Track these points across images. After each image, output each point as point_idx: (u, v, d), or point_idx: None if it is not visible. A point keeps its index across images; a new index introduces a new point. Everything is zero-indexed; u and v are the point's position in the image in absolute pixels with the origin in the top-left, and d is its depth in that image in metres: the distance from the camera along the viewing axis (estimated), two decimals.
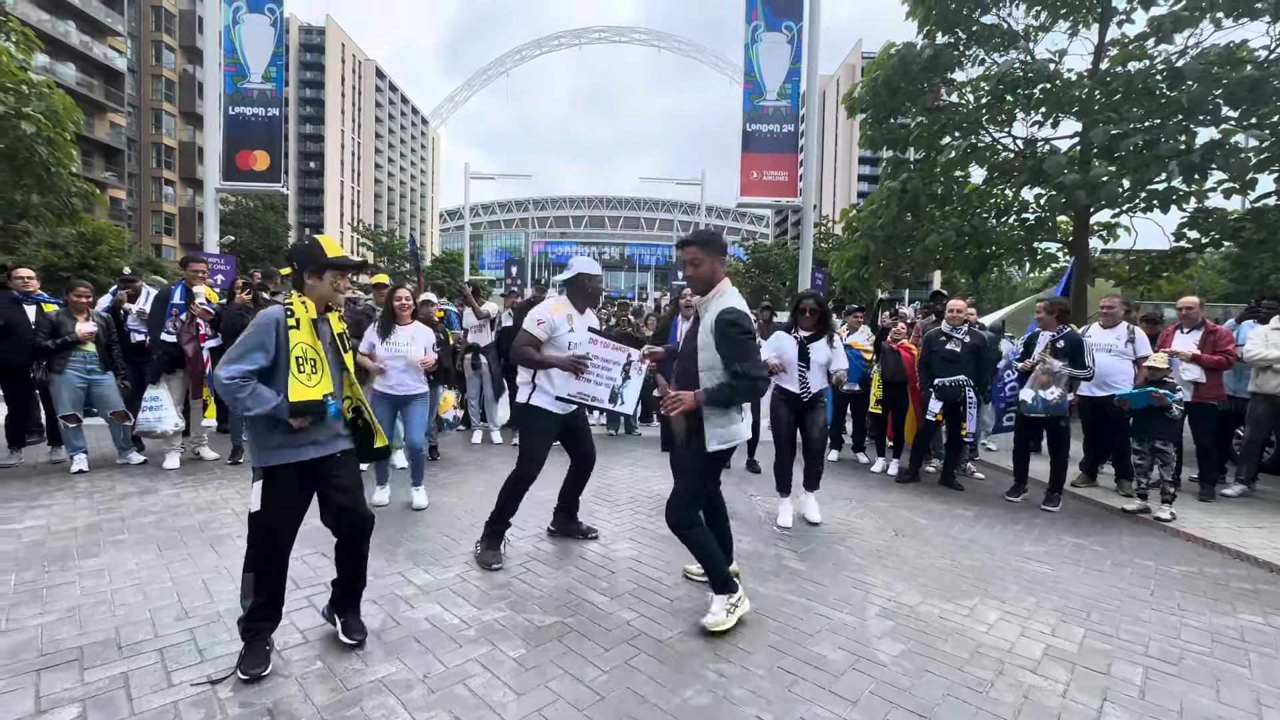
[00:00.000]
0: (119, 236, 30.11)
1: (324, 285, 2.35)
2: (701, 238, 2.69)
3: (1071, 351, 4.75)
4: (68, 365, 4.82)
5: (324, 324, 2.38)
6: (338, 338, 2.41)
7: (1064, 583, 3.40)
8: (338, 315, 2.47)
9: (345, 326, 2.50)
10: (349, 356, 2.44)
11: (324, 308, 2.40)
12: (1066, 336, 4.82)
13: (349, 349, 2.46)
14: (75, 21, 36.22)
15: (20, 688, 2.10)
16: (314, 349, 2.29)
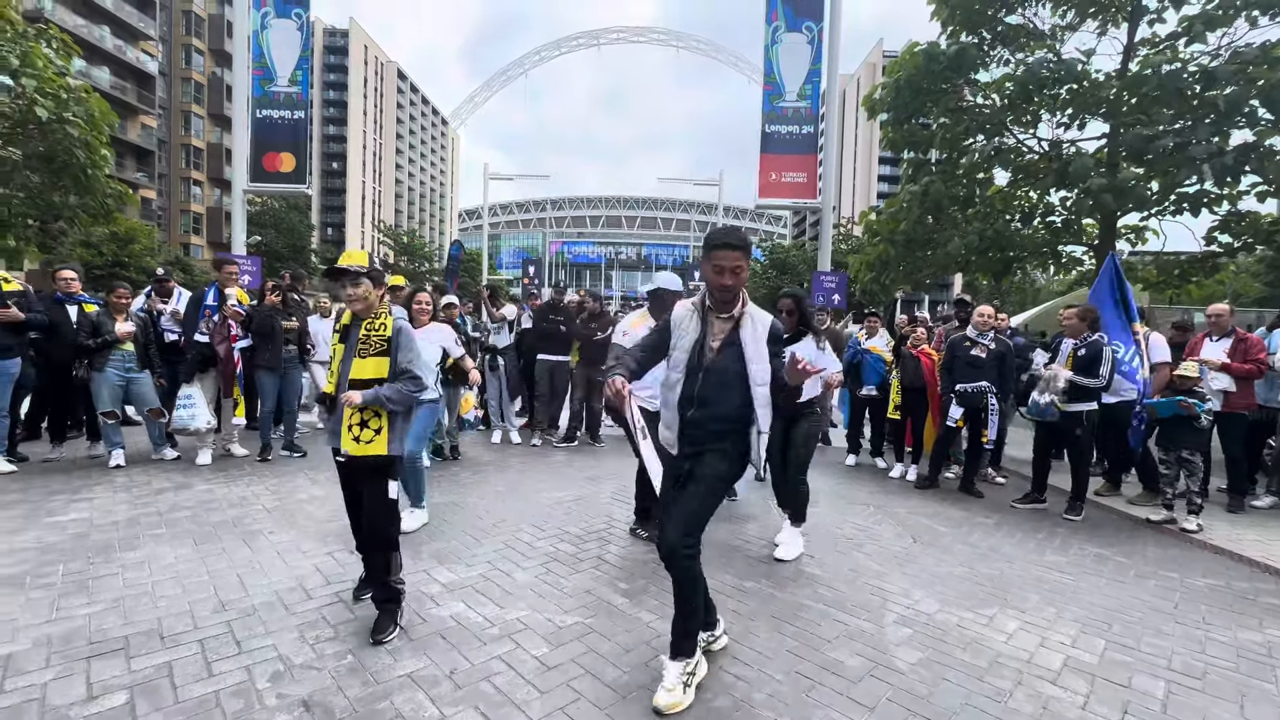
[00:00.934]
0: (149, 236, 30.98)
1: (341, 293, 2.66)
2: (746, 242, 2.34)
3: (1089, 360, 4.71)
4: (108, 364, 5.01)
5: (355, 329, 2.64)
6: (358, 343, 2.60)
7: (1085, 593, 3.37)
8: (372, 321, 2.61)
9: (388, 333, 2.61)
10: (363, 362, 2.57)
11: (360, 315, 2.64)
12: (1089, 345, 4.77)
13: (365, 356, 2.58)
14: (110, 26, 37.28)
15: (73, 674, 2.22)
16: (336, 351, 2.68)
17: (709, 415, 2.34)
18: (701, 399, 2.33)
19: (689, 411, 2.35)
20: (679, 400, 2.37)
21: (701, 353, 2.36)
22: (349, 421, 2.53)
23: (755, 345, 2.35)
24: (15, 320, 4.72)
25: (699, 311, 2.42)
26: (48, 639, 2.44)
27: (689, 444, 2.38)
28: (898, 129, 10.50)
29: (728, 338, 2.37)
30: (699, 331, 2.39)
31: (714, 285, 2.34)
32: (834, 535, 4.18)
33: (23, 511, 3.92)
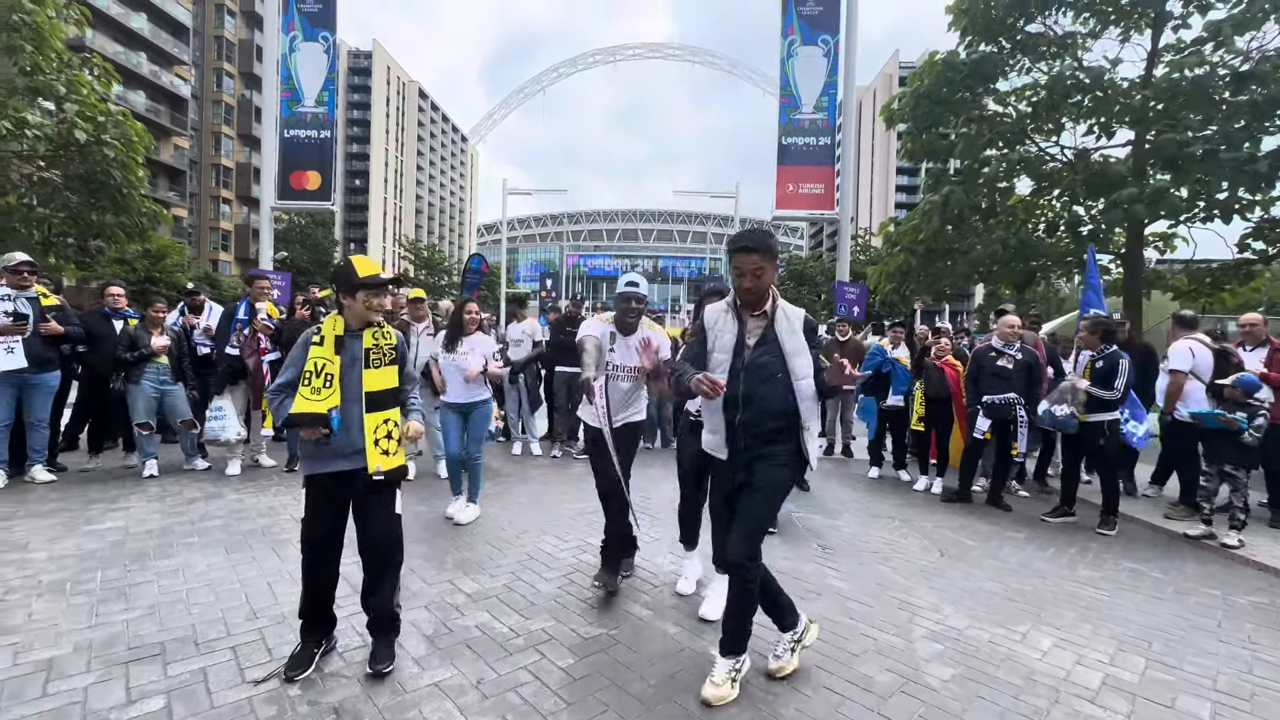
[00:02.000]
0: (180, 253, 31.94)
1: (357, 304, 2.42)
2: (764, 244, 2.32)
3: (1107, 372, 4.68)
4: (143, 376, 5.16)
5: (354, 340, 2.42)
6: (367, 354, 2.42)
7: (1122, 610, 3.28)
8: (377, 331, 2.47)
9: (394, 341, 2.52)
10: (377, 372, 2.43)
11: (362, 324, 2.45)
12: (1106, 357, 4.76)
13: (379, 366, 2.44)
14: (146, 53, 38.86)
15: (113, 678, 2.27)
16: (330, 364, 2.35)
17: (757, 415, 2.32)
18: (747, 398, 2.31)
19: (736, 415, 2.33)
20: (724, 402, 2.34)
21: (743, 354, 2.36)
22: (375, 436, 2.39)
23: (792, 339, 2.35)
24: (55, 333, 4.89)
25: (733, 311, 2.43)
26: (89, 644, 2.50)
27: (743, 449, 2.36)
28: (917, 139, 10.46)
29: (763, 335, 2.37)
30: (735, 331, 2.39)
31: (737, 289, 2.40)
32: (858, 548, 4.12)
33: (63, 520, 4.04)
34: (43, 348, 4.83)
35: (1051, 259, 9.90)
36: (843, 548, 4.11)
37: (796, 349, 2.34)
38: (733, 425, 2.36)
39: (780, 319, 2.38)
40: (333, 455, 2.37)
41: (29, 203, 13.35)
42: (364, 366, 2.42)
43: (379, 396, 2.44)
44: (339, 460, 2.38)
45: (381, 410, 2.44)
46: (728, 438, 2.39)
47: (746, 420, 2.32)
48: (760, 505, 2.32)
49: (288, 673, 2.31)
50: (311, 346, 2.36)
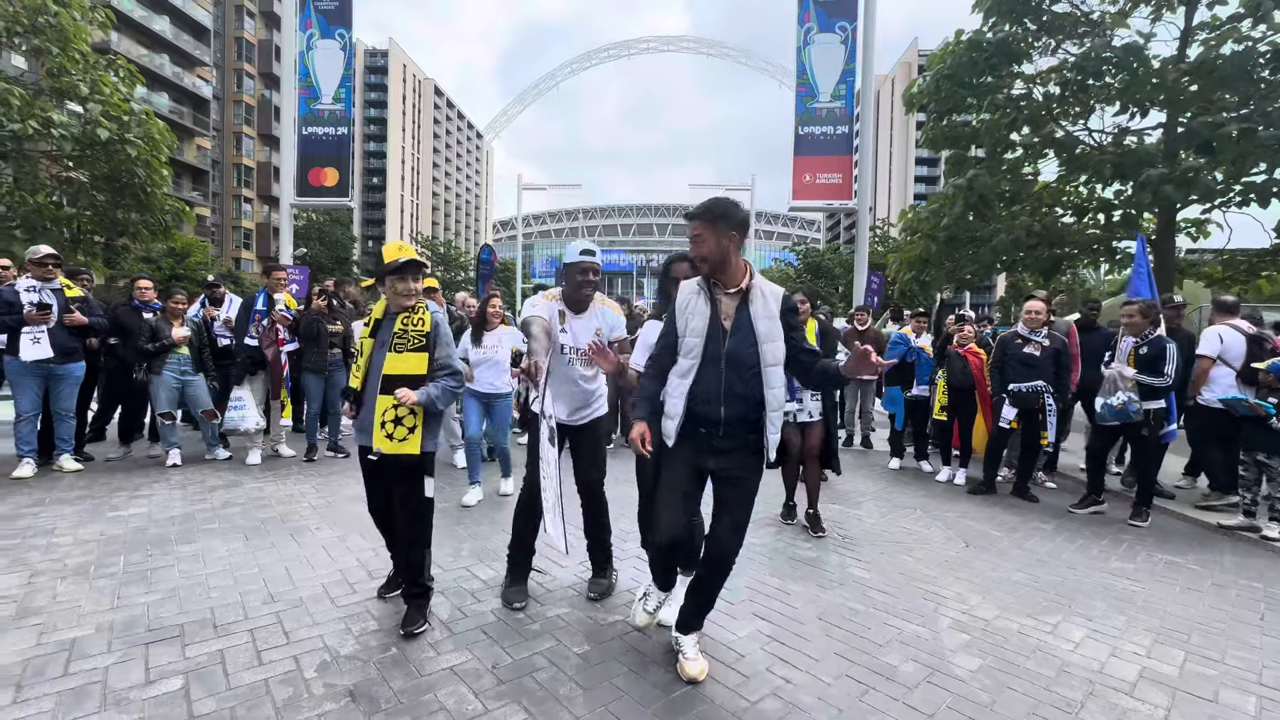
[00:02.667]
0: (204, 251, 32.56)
1: (388, 290, 2.57)
2: (706, 211, 2.20)
3: (1153, 358, 4.47)
4: (165, 367, 5.23)
5: (388, 324, 2.57)
6: (393, 337, 2.52)
7: (1158, 602, 3.15)
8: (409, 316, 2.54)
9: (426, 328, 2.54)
10: (400, 357, 2.49)
11: (398, 309, 2.56)
12: (1151, 342, 4.53)
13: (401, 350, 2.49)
14: (169, 55, 39.53)
15: (133, 659, 2.28)
16: (367, 344, 2.61)
17: (744, 410, 2.16)
18: (729, 392, 2.14)
19: (720, 409, 2.14)
20: (695, 393, 2.16)
21: (720, 339, 2.17)
22: (382, 419, 2.46)
23: (767, 322, 2.18)
24: (80, 324, 4.96)
25: (704, 291, 2.23)
26: (110, 625, 2.53)
27: (722, 440, 2.18)
28: (938, 125, 10.22)
29: (737, 318, 2.19)
30: (708, 313, 2.20)
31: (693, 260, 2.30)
32: (881, 538, 4.03)
33: (88, 507, 4.10)
34: (67, 338, 4.91)
35: (1078, 246, 9.63)
36: (864, 538, 4.02)
37: (770, 333, 2.17)
38: (711, 420, 2.16)
39: (756, 298, 2.20)
40: (360, 430, 2.63)
41: (58, 201, 13.67)
42: (387, 350, 2.52)
43: (394, 380, 2.48)
44: (363, 435, 2.61)
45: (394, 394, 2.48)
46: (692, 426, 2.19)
47: (734, 416, 2.16)
48: (745, 503, 2.25)
49: (381, 592, 2.86)
50: (363, 328, 2.65)
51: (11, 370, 4.76)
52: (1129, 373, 4.51)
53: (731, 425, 2.17)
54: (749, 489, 2.25)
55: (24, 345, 4.66)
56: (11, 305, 4.68)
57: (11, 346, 4.69)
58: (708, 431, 2.18)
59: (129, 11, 35.80)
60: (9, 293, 4.73)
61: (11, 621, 2.53)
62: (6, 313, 4.66)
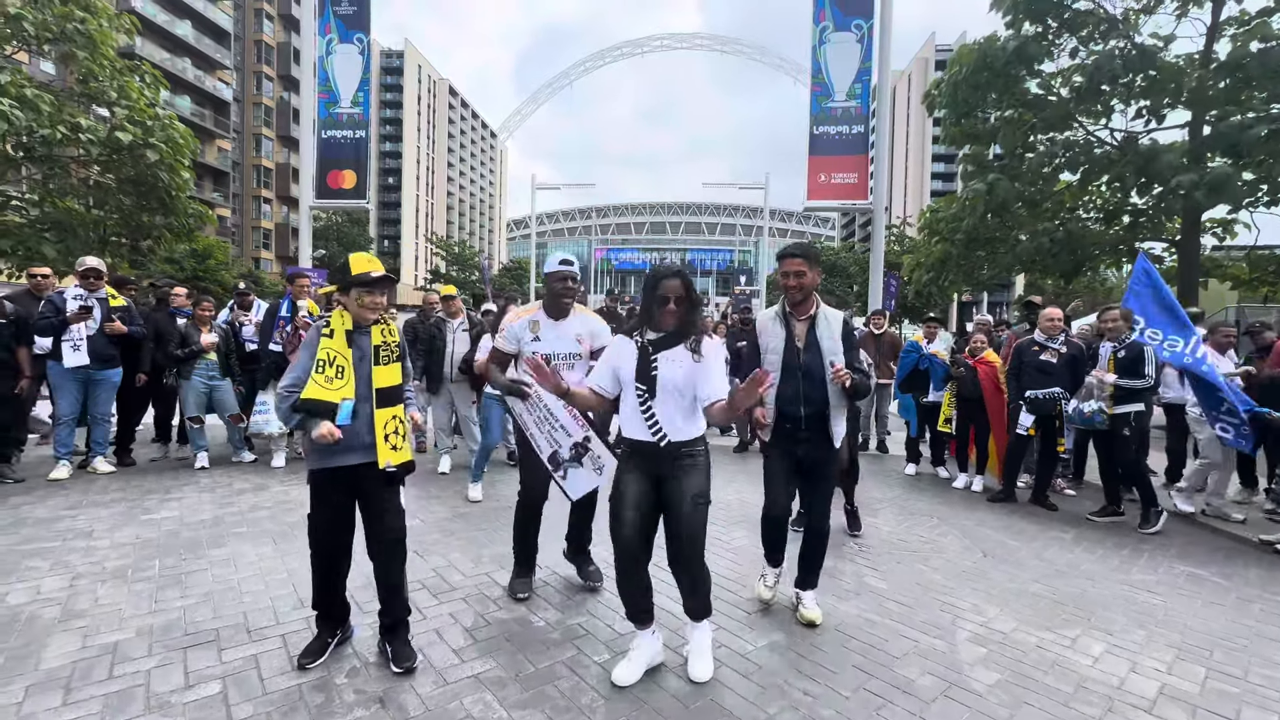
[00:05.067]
0: (224, 251, 33.13)
1: (350, 301, 2.42)
2: (807, 250, 2.80)
3: (1131, 361, 4.63)
4: (194, 372, 5.37)
5: (363, 336, 2.43)
6: (376, 350, 2.44)
7: (1179, 616, 3.14)
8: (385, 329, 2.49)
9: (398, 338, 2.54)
10: (385, 369, 2.45)
11: (363, 321, 2.44)
12: (1128, 345, 4.70)
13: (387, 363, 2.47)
14: (190, 59, 40.25)
15: (172, 662, 2.38)
16: (343, 356, 2.36)
17: (817, 410, 2.76)
18: (808, 397, 2.75)
19: (800, 408, 2.76)
20: (781, 397, 2.80)
21: (795, 355, 2.77)
22: (384, 433, 2.41)
23: (831, 342, 2.76)
24: (120, 333, 5.13)
25: (780, 318, 2.84)
26: (150, 629, 2.63)
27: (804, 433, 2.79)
28: (956, 124, 10.12)
29: (808, 338, 2.79)
30: (784, 335, 2.80)
31: (785, 289, 2.82)
32: (897, 547, 4.04)
33: (123, 509, 4.24)
34: (105, 345, 5.08)
35: (1101, 248, 9.50)
36: (880, 546, 4.04)
37: (834, 349, 2.76)
38: (795, 417, 2.78)
39: (821, 322, 2.79)
40: (345, 450, 2.35)
41: (86, 205, 14.03)
42: (373, 363, 2.43)
43: (388, 393, 2.46)
44: (351, 454, 2.37)
45: (390, 406, 2.46)
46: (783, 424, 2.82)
47: (811, 415, 2.76)
48: (828, 481, 2.92)
49: (301, 660, 2.37)
50: (322, 338, 2.36)
51: (54, 375, 4.98)
52: (1109, 379, 4.68)
53: (809, 421, 2.78)
54: (827, 472, 2.90)
55: (65, 352, 4.89)
56: (59, 310, 4.90)
57: (56, 354, 4.91)
58: (792, 426, 2.81)
59: (152, 16, 36.49)
60: (58, 299, 4.97)
61: (58, 624, 2.64)
62: (53, 315, 4.87)
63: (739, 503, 4.92)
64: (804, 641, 2.72)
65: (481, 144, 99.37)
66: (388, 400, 2.46)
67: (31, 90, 11.40)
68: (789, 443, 2.85)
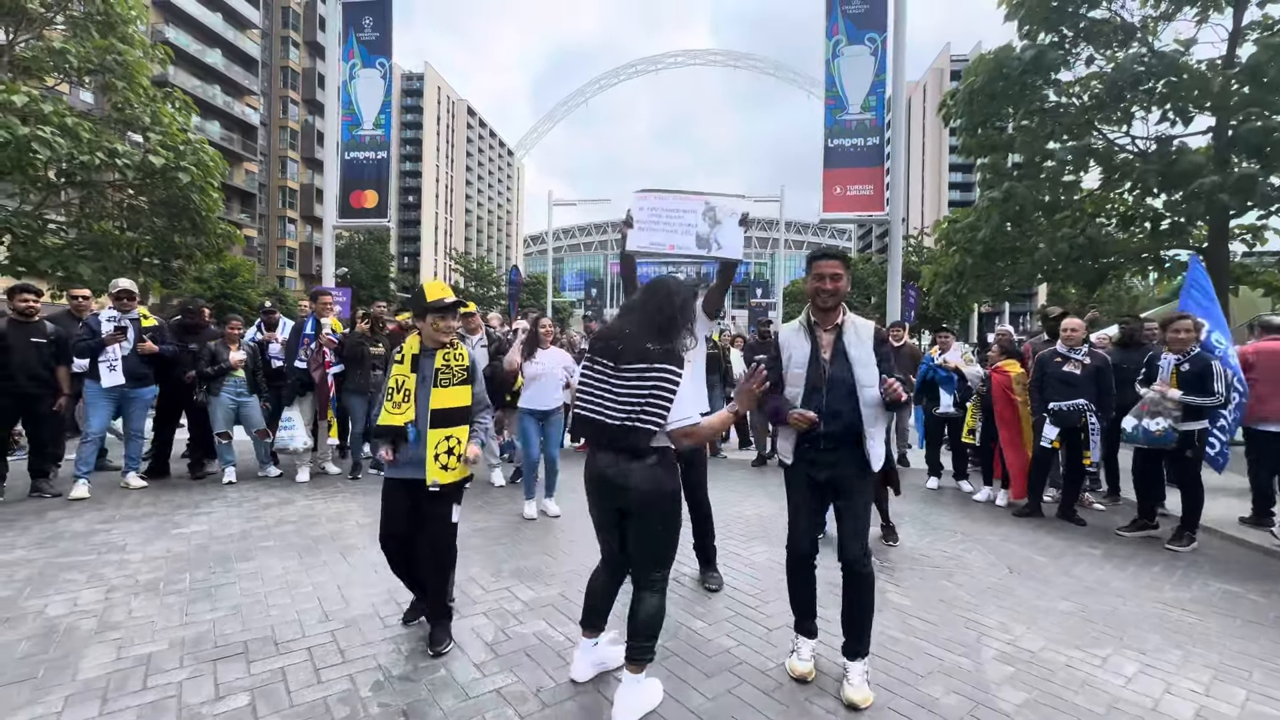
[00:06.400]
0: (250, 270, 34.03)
1: (427, 326, 2.65)
2: (843, 255, 2.64)
3: (1196, 376, 4.32)
4: (223, 389, 5.52)
5: (428, 360, 2.64)
6: (436, 373, 2.61)
7: (1216, 636, 3.04)
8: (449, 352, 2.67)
9: (466, 362, 2.71)
10: (445, 391, 2.61)
11: (434, 344, 2.67)
12: (1194, 359, 4.38)
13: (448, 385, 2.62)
14: (220, 85, 41.72)
15: (203, 674, 2.43)
16: (408, 380, 2.61)
17: (845, 427, 2.44)
18: (834, 412, 2.45)
19: (823, 425, 2.44)
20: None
21: (820, 367, 2.50)
22: (435, 451, 2.58)
23: (859, 350, 2.49)
24: (152, 352, 5.29)
25: (805, 329, 2.60)
26: (181, 641, 2.69)
27: (825, 454, 2.48)
28: (973, 134, 10.08)
29: (835, 348, 2.52)
30: (808, 347, 2.54)
31: (816, 294, 2.54)
32: (920, 563, 3.98)
33: (154, 524, 4.36)
34: (138, 364, 5.24)
35: (1125, 255, 9.33)
36: (902, 562, 3.98)
37: (862, 359, 2.47)
38: (819, 435, 2.45)
39: (849, 331, 2.54)
40: (405, 464, 2.62)
41: (120, 226, 14.55)
42: (432, 385, 2.60)
43: (445, 414, 2.61)
44: (409, 468, 2.62)
45: (446, 427, 2.60)
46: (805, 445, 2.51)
47: (835, 431, 2.44)
48: (863, 509, 2.50)
49: (405, 617, 2.89)
50: (394, 365, 2.64)
51: (90, 394, 5.12)
52: (1174, 394, 4.35)
53: (833, 439, 2.46)
54: (860, 499, 2.50)
55: (102, 373, 5.05)
56: (95, 332, 5.07)
57: (93, 373, 5.07)
58: (811, 445, 2.50)
59: (185, 46, 37.97)
60: (94, 321, 5.15)
61: (94, 636, 2.72)
62: (90, 338, 5.04)
63: (758, 518, 4.89)
64: (827, 659, 2.69)
65: (499, 162, 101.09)
66: (444, 421, 2.59)
67: (72, 119, 11.92)
68: (812, 466, 2.49)
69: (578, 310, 46.03)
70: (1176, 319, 4.62)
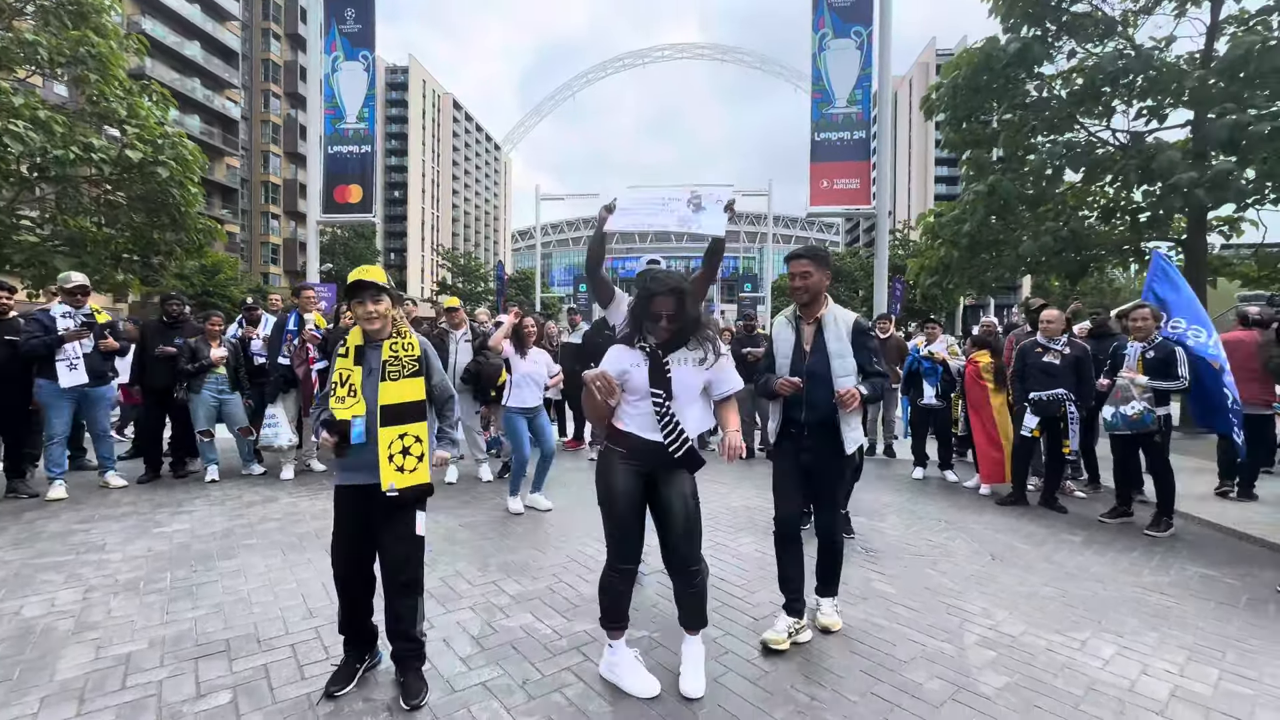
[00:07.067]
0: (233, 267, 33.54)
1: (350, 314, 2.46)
2: (813, 252, 2.74)
3: (1161, 362, 4.50)
4: (204, 386, 5.44)
5: (374, 351, 2.33)
6: (384, 365, 2.31)
7: (1192, 618, 3.10)
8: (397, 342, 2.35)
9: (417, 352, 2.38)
10: (395, 384, 2.30)
11: (373, 333, 2.34)
12: (1157, 346, 4.57)
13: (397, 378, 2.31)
14: (200, 78, 40.94)
15: (184, 673, 2.40)
16: (352, 374, 2.30)
17: (823, 416, 2.66)
18: (811, 403, 2.66)
19: (803, 413, 2.68)
20: (786, 402, 2.75)
21: (802, 359, 2.70)
22: (389, 451, 2.25)
23: (838, 343, 2.67)
24: (113, 349, 5.16)
25: (791, 322, 2.79)
26: (162, 640, 2.66)
27: (808, 440, 2.70)
28: (956, 128, 10.14)
29: (815, 342, 2.71)
30: (793, 339, 2.75)
31: (791, 292, 2.77)
32: (905, 551, 4.02)
33: (134, 523, 4.29)
34: (99, 362, 5.08)
35: (1106, 248, 9.46)
36: (888, 550, 4.02)
37: (839, 351, 2.65)
38: (798, 422, 2.69)
39: (829, 323, 2.70)
40: (355, 467, 2.28)
41: (98, 222, 14.26)
42: (380, 378, 2.30)
43: (397, 410, 2.29)
44: (360, 473, 2.27)
45: (399, 424, 2.28)
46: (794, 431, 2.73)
47: (813, 420, 2.67)
48: (836, 487, 2.78)
49: (329, 688, 2.26)
50: (337, 357, 2.34)
51: (47, 394, 4.87)
52: (1141, 380, 4.52)
53: (813, 427, 2.70)
54: (835, 480, 2.77)
55: (61, 372, 4.81)
56: (48, 329, 4.84)
57: (47, 372, 4.82)
58: (796, 431, 2.74)
59: (162, 38, 37.21)
60: (45, 317, 4.89)
61: (71, 636, 2.68)
62: (41, 334, 4.80)
63: (745, 509, 4.92)
64: (810, 647, 2.71)
65: (486, 156, 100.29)
66: (396, 417, 2.27)
67: (45, 112, 11.64)
68: (794, 451, 2.76)
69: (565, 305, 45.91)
70: (1134, 308, 4.84)
